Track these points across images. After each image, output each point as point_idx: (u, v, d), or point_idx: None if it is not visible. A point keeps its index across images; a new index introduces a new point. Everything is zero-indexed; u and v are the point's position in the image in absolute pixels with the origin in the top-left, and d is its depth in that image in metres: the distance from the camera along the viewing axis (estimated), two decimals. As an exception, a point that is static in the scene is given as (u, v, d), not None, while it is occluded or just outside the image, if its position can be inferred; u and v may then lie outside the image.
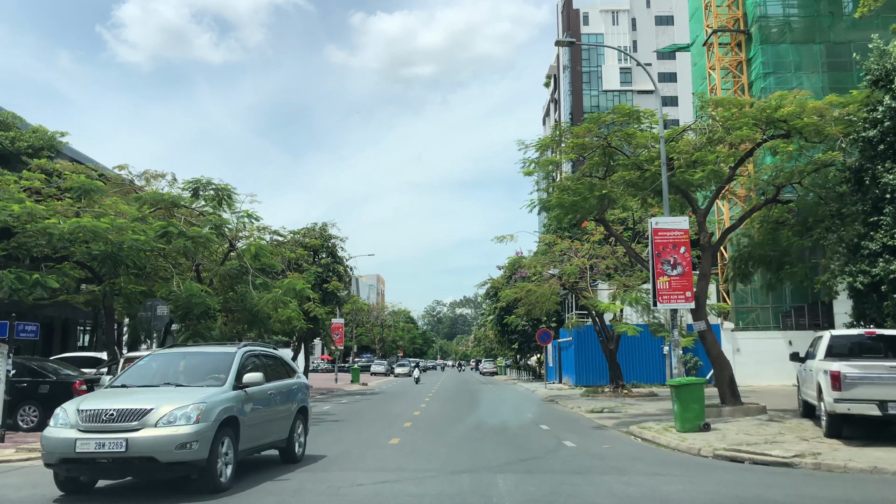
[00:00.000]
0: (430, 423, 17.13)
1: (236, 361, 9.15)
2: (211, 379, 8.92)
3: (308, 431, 11.28)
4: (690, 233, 15.55)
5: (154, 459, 7.56)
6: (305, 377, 42.89)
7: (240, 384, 8.86)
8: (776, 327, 34.29)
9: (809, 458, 10.21)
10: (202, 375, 9.05)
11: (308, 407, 11.26)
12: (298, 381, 11.01)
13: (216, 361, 9.32)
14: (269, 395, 9.61)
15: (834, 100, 15.55)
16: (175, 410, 7.78)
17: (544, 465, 10.09)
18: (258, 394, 9.25)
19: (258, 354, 10.04)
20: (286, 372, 10.77)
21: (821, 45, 34.91)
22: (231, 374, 8.91)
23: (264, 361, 10.03)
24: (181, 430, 7.65)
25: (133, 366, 9.55)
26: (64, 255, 16.15)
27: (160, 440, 7.57)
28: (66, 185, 16.90)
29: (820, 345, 13.46)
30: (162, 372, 9.32)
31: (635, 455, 11.34)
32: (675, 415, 13.89)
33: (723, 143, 16.21)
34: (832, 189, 17.19)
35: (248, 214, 20.21)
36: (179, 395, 8.25)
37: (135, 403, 7.91)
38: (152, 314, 17.44)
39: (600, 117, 16.76)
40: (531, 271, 31.56)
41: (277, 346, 45.87)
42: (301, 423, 10.76)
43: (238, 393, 8.77)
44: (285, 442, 10.23)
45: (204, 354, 9.92)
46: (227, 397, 8.48)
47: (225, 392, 8.55)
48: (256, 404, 9.19)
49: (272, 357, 10.57)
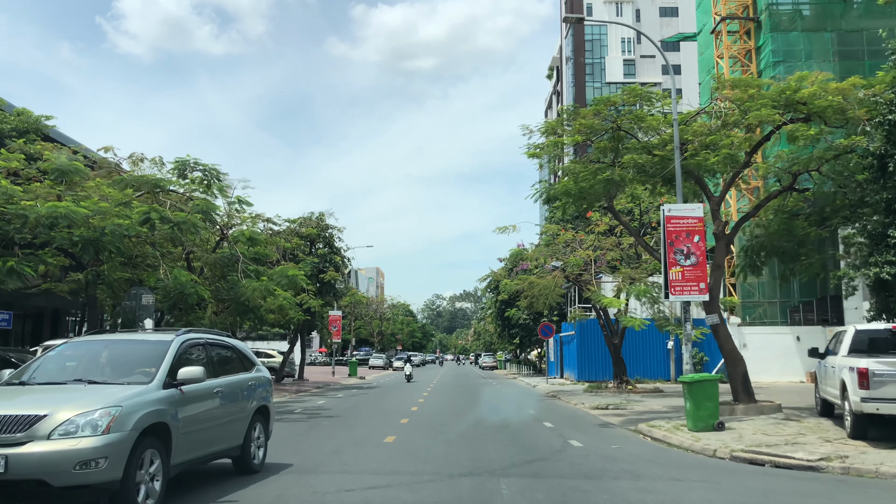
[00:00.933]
0: (428, 420, 16.35)
1: (171, 352, 7.38)
2: (138, 374, 7.19)
3: (270, 435, 9.63)
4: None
5: (45, 483, 5.81)
6: (301, 370, 41.73)
7: (174, 381, 7.15)
8: (784, 322, 33.47)
9: (836, 461, 9.42)
10: (127, 370, 7.34)
11: (270, 406, 9.54)
12: (258, 375, 9.31)
13: (146, 352, 7.58)
14: (215, 394, 7.90)
15: (857, 81, 14.67)
16: (76, 417, 6.00)
17: (551, 468, 9.28)
18: (200, 392, 7.56)
19: (203, 343, 8.30)
20: (242, 364, 9.06)
21: (832, 33, 34.03)
22: (162, 368, 7.16)
23: (212, 352, 8.34)
24: (83, 442, 5.89)
25: (41, 357, 7.76)
26: (45, 240, 15.31)
27: (53, 457, 5.81)
28: (44, 167, 16.06)
29: (843, 340, 12.65)
30: (77, 365, 7.56)
31: (648, 457, 10.54)
32: (688, 413, 13.11)
33: (739, 127, 15.35)
34: (851, 177, 16.34)
35: (239, 200, 19.37)
36: (89, 395, 6.49)
37: (23, 408, 6.12)
38: (137, 303, 16.61)
39: (609, 98, 15.90)
40: (533, 264, 30.76)
41: (274, 338, 44.01)
42: (261, 426, 9.13)
43: (170, 392, 7.04)
44: (239, 449, 8.50)
45: (132, 343, 8.13)
46: (153, 398, 6.75)
47: (152, 391, 6.82)
48: (197, 405, 7.50)
49: (223, 346, 8.86)
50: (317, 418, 16.98)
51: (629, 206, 25.76)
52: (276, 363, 36.58)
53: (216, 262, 20.15)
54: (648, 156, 15.30)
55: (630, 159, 14.95)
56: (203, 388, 7.61)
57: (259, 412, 9.06)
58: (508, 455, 10.42)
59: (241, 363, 9.01)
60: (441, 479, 8.44)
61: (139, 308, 16.68)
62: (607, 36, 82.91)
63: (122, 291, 18.05)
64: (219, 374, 8.20)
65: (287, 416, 17.95)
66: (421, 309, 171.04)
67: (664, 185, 16.85)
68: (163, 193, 17.59)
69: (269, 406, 9.48)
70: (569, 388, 29.27)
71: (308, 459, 10.05)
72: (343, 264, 37.54)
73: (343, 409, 19.74)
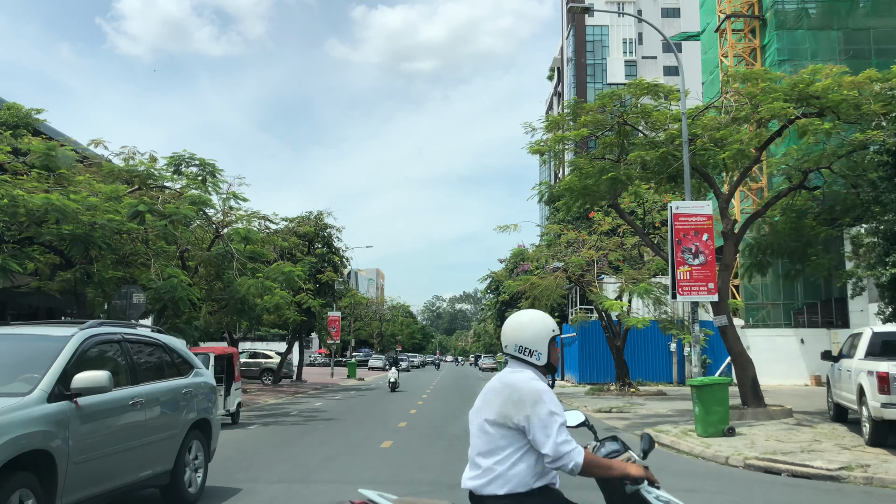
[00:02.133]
0: (427, 423, 15.85)
1: (66, 352, 5.55)
2: (20, 381, 5.31)
3: (213, 455, 7.84)
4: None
5: None
6: (299, 371, 41.03)
7: (67, 390, 5.32)
8: (787, 325, 32.99)
9: (858, 470, 8.91)
10: (5, 376, 5.46)
11: (212, 419, 7.73)
12: (196, 380, 7.47)
13: (34, 352, 5.70)
14: (132, 406, 6.09)
15: (873, 75, 14.19)
16: None
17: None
18: (106, 405, 5.73)
19: (120, 340, 6.39)
20: (176, 368, 7.23)
21: (839, 31, 33.57)
22: (49, 374, 5.32)
23: (131, 352, 6.48)
24: None
25: None
26: (28, 235, 14.79)
27: None
28: (30, 161, 15.54)
29: (859, 343, 12.16)
30: None
31: (658, 464, 9.96)
32: (697, 417, 12.62)
33: (749, 121, 14.85)
34: (864, 175, 15.85)
35: (233, 195, 18.86)
36: None
37: None
38: (127, 302, 16.09)
39: (615, 92, 15.40)
40: (534, 265, 30.27)
41: (274, 339, 43.12)
42: (199, 444, 7.37)
43: (59, 406, 5.21)
44: (168, 476, 6.74)
45: (16, 340, 6.06)
46: (29, 416, 4.92)
47: (30, 406, 4.99)
48: (101, 423, 5.70)
49: (149, 344, 7.00)
50: (313, 421, 16.48)
51: (632, 205, 25.27)
52: (274, 364, 36.11)
53: (211, 260, 19.66)
54: (655, 151, 14.80)
55: (637, 156, 14.45)
56: (111, 399, 5.77)
57: (197, 427, 7.33)
58: (511, 462, 9.89)
59: (173, 366, 7.23)
60: (440, 490, 7.94)
61: (129, 307, 16.17)
62: (609, 37, 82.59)
63: (114, 291, 17.56)
64: (141, 381, 6.41)
65: (282, 418, 17.47)
66: (421, 310, 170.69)
67: (669, 182, 16.34)
68: (156, 189, 17.08)
69: (210, 420, 7.69)
70: (570, 390, 28.77)
71: (299, 467, 9.54)
72: (342, 264, 37.06)
73: (340, 412, 19.24)
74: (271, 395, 26.75)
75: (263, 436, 13.76)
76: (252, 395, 25.63)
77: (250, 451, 11.22)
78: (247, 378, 33.65)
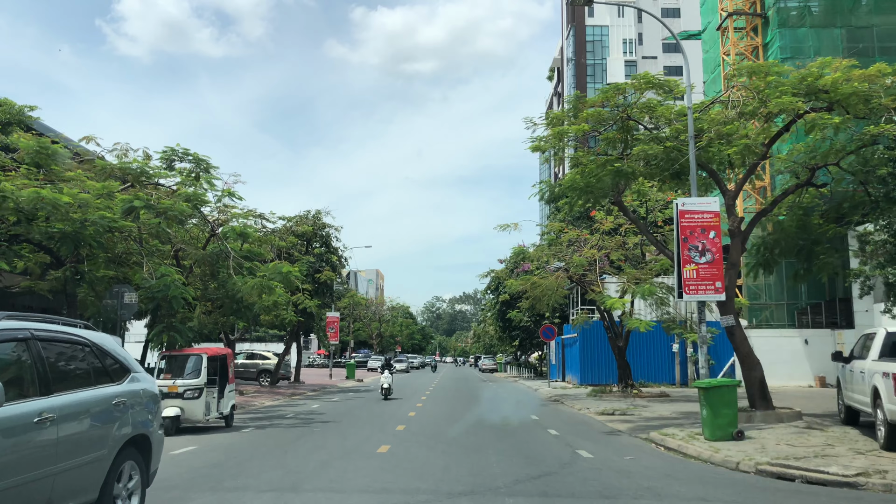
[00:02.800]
0: (425, 426, 15.45)
1: None
2: None
3: (154, 477, 6.58)
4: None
5: None
6: (297, 372, 40.81)
7: None
8: (791, 325, 32.62)
9: (876, 477, 8.52)
10: None
11: (152, 435, 6.42)
12: (132, 387, 6.22)
13: None
14: (38, 424, 4.82)
15: (884, 69, 13.81)
16: None
17: (561, 485, 8.35)
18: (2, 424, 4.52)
19: (28, 338, 5.08)
20: (106, 373, 5.97)
21: (841, 29, 33.21)
22: None
23: (44, 353, 5.18)
24: None
25: None
26: (17, 232, 14.40)
27: None
28: (19, 157, 15.16)
29: (872, 343, 11.75)
30: None
31: (666, 470, 9.62)
32: (704, 421, 12.23)
33: (756, 116, 14.47)
34: (873, 171, 15.47)
35: (229, 193, 18.46)
36: None
37: None
38: (119, 302, 15.71)
39: (618, 85, 15.01)
40: (535, 264, 29.87)
41: (272, 340, 42.65)
42: (134, 465, 6.09)
43: None
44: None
45: None
46: None
47: None
48: None
49: (69, 342, 5.68)
50: (309, 424, 16.08)
51: (635, 203, 24.87)
52: (272, 365, 35.71)
53: (206, 259, 19.27)
54: (660, 146, 14.41)
55: (640, 150, 14.06)
56: (7, 417, 4.54)
57: (133, 445, 6.05)
58: (512, 468, 9.51)
59: (103, 371, 5.95)
60: (438, 499, 7.52)
61: (121, 307, 15.79)
62: (609, 37, 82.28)
63: (106, 290, 17.17)
64: (55, 390, 5.15)
65: (278, 421, 17.08)
66: (420, 311, 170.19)
67: (673, 179, 15.94)
68: (150, 187, 16.69)
69: (149, 435, 6.35)
70: (571, 391, 28.38)
71: (291, 474, 9.12)
72: (340, 264, 36.66)
73: (337, 414, 18.85)
74: (268, 396, 26.36)
75: (257, 439, 13.36)
76: (248, 397, 25.23)
77: (241, 457, 10.84)
78: (244, 379, 33.25)
